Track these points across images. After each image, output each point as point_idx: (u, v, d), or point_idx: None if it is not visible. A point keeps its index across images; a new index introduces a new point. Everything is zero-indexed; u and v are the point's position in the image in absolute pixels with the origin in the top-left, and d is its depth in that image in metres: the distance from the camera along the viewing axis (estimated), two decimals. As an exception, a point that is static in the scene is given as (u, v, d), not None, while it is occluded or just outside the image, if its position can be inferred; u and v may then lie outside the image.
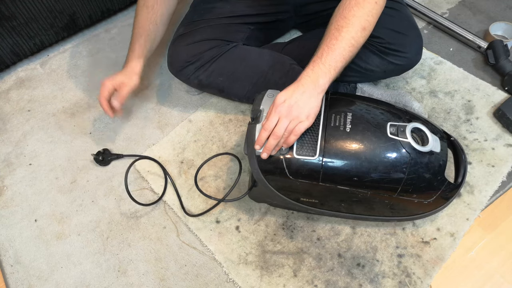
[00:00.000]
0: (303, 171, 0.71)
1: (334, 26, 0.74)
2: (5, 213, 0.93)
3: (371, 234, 0.84)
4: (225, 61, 0.95)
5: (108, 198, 0.94)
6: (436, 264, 0.80)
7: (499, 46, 1.06)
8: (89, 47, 1.26)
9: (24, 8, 1.09)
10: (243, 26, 1.00)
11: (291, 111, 0.69)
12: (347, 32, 0.72)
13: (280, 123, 0.69)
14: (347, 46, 0.72)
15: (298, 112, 0.69)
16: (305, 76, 0.72)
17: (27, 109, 1.12)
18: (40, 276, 0.84)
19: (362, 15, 0.73)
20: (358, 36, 0.73)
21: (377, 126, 0.72)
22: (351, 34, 0.72)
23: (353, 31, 0.72)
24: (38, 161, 1.01)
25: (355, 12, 0.72)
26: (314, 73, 0.71)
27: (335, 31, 0.73)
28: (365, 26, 0.74)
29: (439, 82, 1.07)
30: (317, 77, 0.71)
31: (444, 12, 1.25)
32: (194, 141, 1.01)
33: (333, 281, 0.79)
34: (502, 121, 0.97)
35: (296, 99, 0.70)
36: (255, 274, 0.81)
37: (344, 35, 0.72)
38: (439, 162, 0.73)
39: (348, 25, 0.72)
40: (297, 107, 0.69)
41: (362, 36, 0.74)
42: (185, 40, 0.96)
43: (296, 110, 0.69)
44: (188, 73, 0.96)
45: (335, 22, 0.74)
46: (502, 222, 0.86)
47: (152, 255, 0.85)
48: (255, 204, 0.89)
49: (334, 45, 0.72)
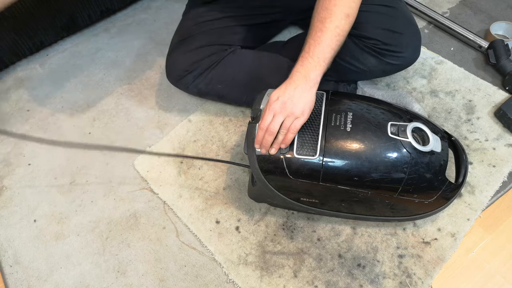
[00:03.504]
0: (303, 170, 0.71)
1: (317, 19, 0.73)
2: (4, 213, 0.93)
3: (371, 234, 0.84)
4: (224, 67, 0.95)
5: (107, 198, 0.93)
6: (437, 265, 0.79)
7: (500, 45, 1.06)
8: (89, 46, 1.26)
9: (24, 7, 1.09)
10: (238, 28, 0.99)
11: (285, 107, 0.69)
12: (331, 22, 0.72)
13: (274, 120, 0.69)
14: (333, 36, 0.72)
15: (292, 107, 0.69)
16: (295, 72, 0.72)
17: (26, 109, 1.12)
18: (39, 277, 0.84)
19: (344, 3, 0.72)
20: (342, 25, 0.73)
21: (378, 125, 0.72)
22: (335, 23, 0.72)
23: (337, 21, 0.72)
24: (37, 161, 1.01)
25: (336, 2, 0.72)
26: (304, 68, 0.71)
27: (319, 24, 0.73)
28: (348, 13, 0.73)
29: (440, 82, 1.07)
30: (307, 71, 0.71)
31: (445, 11, 1.25)
32: (193, 141, 1.01)
33: (334, 281, 0.79)
34: (503, 121, 0.97)
35: (289, 95, 0.70)
36: (255, 275, 0.80)
37: (329, 26, 0.72)
38: (440, 162, 0.73)
39: (331, 15, 0.72)
40: (291, 103, 0.69)
41: (347, 24, 0.74)
42: (182, 48, 0.95)
43: (290, 106, 0.69)
44: (187, 82, 0.96)
45: (317, 14, 0.74)
46: (503, 222, 0.86)
47: (151, 256, 0.85)
48: (255, 204, 0.89)
49: (320, 38, 0.72)
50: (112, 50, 1.24)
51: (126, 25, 1.31)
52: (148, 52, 1.23)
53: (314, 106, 0.72)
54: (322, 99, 0.77)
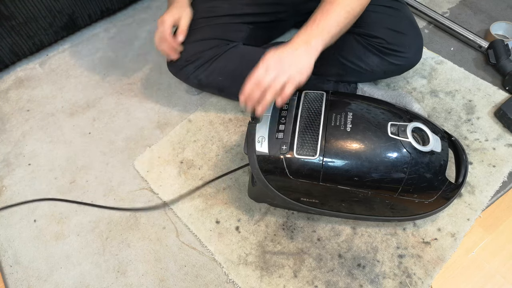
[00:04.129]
0: (303, 170, 0.71)
1: None
2: (4, 213, 0.93)
3: (371, 234, 0.84)
4: (225, 60, 0.95)
5: (107, 198, 0.93)
6: (437, 265, 0.79)
7: (500, 45, 1.06)
8: (89, 46, 1.26)
9: (23, 7, 1.09)
10: (243, 26, 1.00)
11: (280, 63, 0.65)
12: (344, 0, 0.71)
13: (267, 73, 0.65)
14: (342, 12, 0.71)
15: (288, 65, 0.65)
16: (296, 38, 0.69)
17: (26, 109, 1.12)
18: (39, 277, 0.84)
19: None
20: (354, 5, 0.72)
21: (378, 125, 0.72)
22: (347, 1, 0.71)
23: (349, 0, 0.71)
24: (37, 161, 1.01)
25: None
26: (306, 35, 0.69)
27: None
28: None
29: (440, 82, 1.07)
30: (309, 38, 0.68)
31: (445, 11, 1.25)
32: (193, 141, 1.01)
33: (334, 281, 0.79)
34: (503, 121, 0.97)
35: (288, 53, 0.66)
36: (255, 275, 0.80)
37: (340, 1, 0.71)
38: (440, 162, 0.73)
39: None
40: (288, 60, 0.66)
41: (358, 6, 0.72)
42: (185, 39, 0.96)
43: (286, 63, 0.65)
44: (187, 72, 0.96)
45: None
46: (503, 223, 0.86)
47: (151, 256, 0.85)
48: (255, 204, 0.89)
49: (329, 10, 0.70)
50: (112, 50, 1.24)
51: (126, 25, 1.31)
52: (148, 52, 1.23)
53: (314, 106, 0.72)
54: (322, 99, 0.77)
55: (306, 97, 0.78)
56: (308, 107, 0.76)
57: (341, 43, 0.92)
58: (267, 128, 0.74)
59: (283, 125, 0.74)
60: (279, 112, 0.76)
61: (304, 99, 0.78)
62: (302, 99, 0.78)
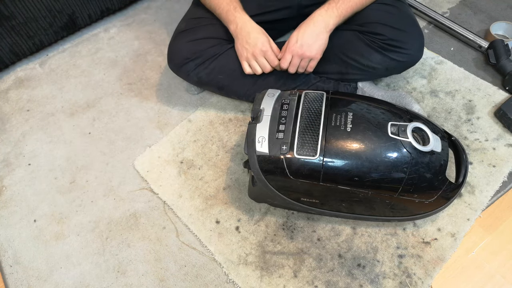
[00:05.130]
0: (303, 171, 0.71)
1: None
2: (4, 214, 0.93)
3: (371, 234, 0.84)
4: (226, 59, 0.95)
5: (107, 198, 0.93)
6: (437, 265, 0.79)
7: (500, 45, 1.06)
8: (89, 46, 1.26)
9: (23, 7, 1.09)
10: None
11: (302, 50, 0.85)
12: None
13: (293, 61, 0.86)
14: None
15: (309, 51, 0.85)
16: (317, 15, 0.84)
17: (26, 109, 1.12)
18: (39, 277, 0.84)
19: None
20: None
21: (378, 125, 0.72)
22: None
23: None
24: (37, 161, 1.01)
25: None
26: (327, 14, 0.84)
27: None
28: None
29: (439, 82, 1.07)
30: (329, 18, 0.84)
31: (445, 11, 1.25)
32: (193, 141, 1.01)
33: (334, 281, 0.79)
34: (503, 121, 0.97)
35: (307, 38, 0.84)
36: (255, 275, 0.80)
37: None
38: (440, 162, 0.73)
39: None
40: (308, 46, 0.84)
41: None
42: (187, 36, 0.95)
43: (307, 49, 0.85)
44: (188, 69, 0.96)
45: None
46: (503, 223, 0.86)
47: (151, 256, 0.85)
48: (255, 204, 0.89)
49: None
50: (112, 50, 1.24)
51: (126, 25, 1.31)
52: (148, 52, 1.23)
53: (314, 106, 0.73)
54: (322, 99, 0.77)
55: (306, 97, 0.78)
56: (308, 107, 0.76)
57: (343, 41, 0.93)
58: (267, 128, 0.74)
59: (283, 125, 0.74)
60: (279, 112, 0.76)
61: (304, 99, 0.78)
62: (302, 99, 0.78)
